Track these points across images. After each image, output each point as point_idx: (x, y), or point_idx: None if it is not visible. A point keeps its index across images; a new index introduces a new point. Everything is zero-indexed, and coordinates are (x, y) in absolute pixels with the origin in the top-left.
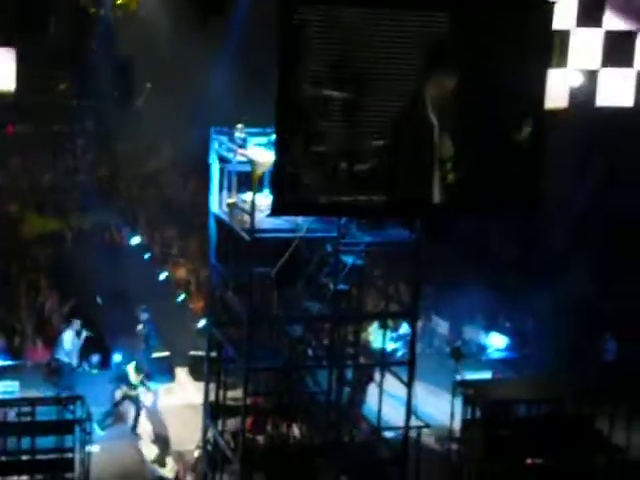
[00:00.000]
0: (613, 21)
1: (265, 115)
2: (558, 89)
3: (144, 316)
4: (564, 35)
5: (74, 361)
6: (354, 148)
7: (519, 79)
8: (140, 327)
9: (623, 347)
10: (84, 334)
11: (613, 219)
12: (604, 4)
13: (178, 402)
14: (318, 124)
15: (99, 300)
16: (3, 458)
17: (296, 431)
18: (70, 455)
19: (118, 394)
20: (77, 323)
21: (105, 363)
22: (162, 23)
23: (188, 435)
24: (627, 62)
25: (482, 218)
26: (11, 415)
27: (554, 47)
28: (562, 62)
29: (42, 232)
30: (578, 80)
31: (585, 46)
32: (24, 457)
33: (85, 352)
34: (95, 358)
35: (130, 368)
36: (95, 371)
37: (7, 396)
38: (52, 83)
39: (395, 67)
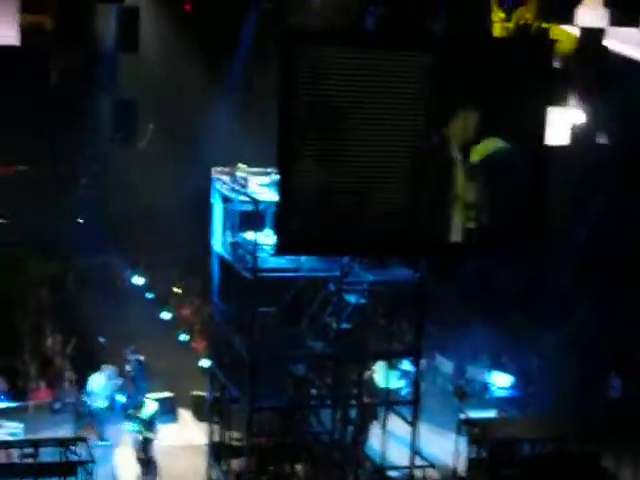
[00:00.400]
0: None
1: (267, 155)
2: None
3: (132, 357)
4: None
5: (103, 404)
6: (359, 187)
7: (520, 117)
8: (128, 368)
9: (628, 384)
10: (116, 380)
11: (618, 256)
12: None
13: (182, 443)
14: (322, 165)
15: (102, 340)
16: None
17: (300, 471)
18: None
19: (138, 439)
20: (109, 368)
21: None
22: (164, 64)
23: (192, 476)
24: None
25: (495, 258)
26: (15, 456)
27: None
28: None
29: (45, 274)
30: (580, 118)
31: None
32: None
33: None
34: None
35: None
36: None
37: (12, 438)
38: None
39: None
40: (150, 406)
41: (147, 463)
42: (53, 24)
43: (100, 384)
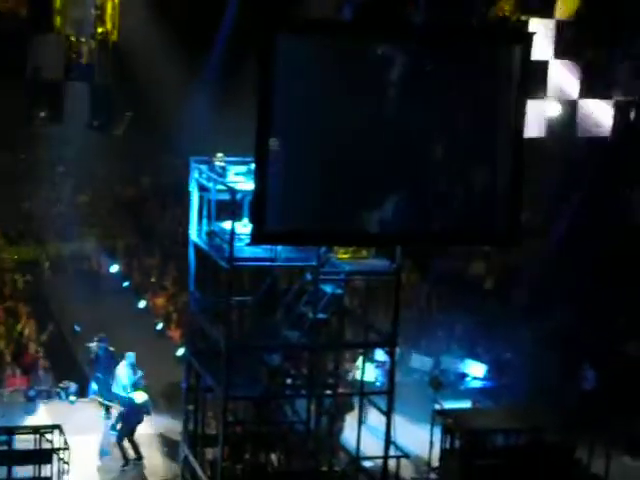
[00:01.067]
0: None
1: (245, 144)
2: (536, 119)
3: (100, 345)
4: (542, 65)
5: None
6: (336, 178)
7: (498, 109)
8: (92, 356)
9: (602, 376)
10: (139, 373)
11: (594, 249)
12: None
13: (157, 431)
14: (299, 154)
15: (77, 328)
16: None
17: (274, 460)
18: None
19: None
20: (131, 356)
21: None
22: (143, 53)
23: (167, 464)
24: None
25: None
26: None
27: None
28: (540, 92)
29: (20, 260)
30: (556, 110)
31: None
32: None
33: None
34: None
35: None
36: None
37: None
38: (30, 112)
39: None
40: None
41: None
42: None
43: (124, 374)
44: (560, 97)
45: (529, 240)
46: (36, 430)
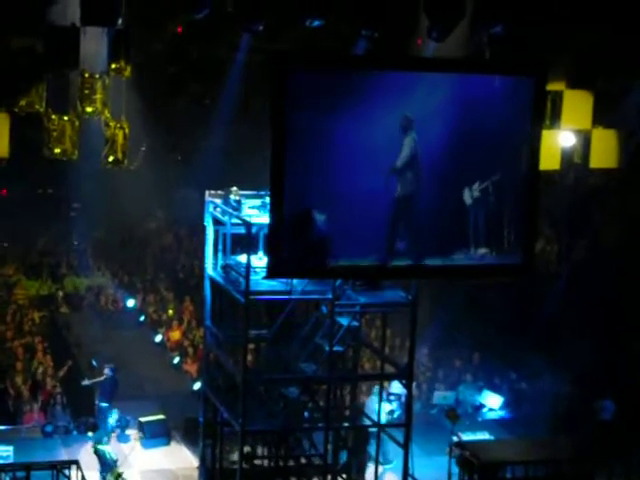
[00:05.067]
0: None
1: (259, 178)
2: (551, 150)
3: (108, 372)
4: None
5: None
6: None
7: (513, 140)
8: (87, 382)
9: (620, 406)
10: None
11: (610, 280)
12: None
13: (175, 466)
14: (313, 188)
15: (94, 363)
16: None
17: None
18: None
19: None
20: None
21: None
22: (157, 88)
23: None
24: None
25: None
26: None
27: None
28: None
29: (36, 296)
30: (570, 141)
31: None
32: None
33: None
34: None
35: (105, 448)
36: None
37: (2, 461)
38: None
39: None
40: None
41: None
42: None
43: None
44: (574, 128)
45: (544, 270)
46: (53, 466)
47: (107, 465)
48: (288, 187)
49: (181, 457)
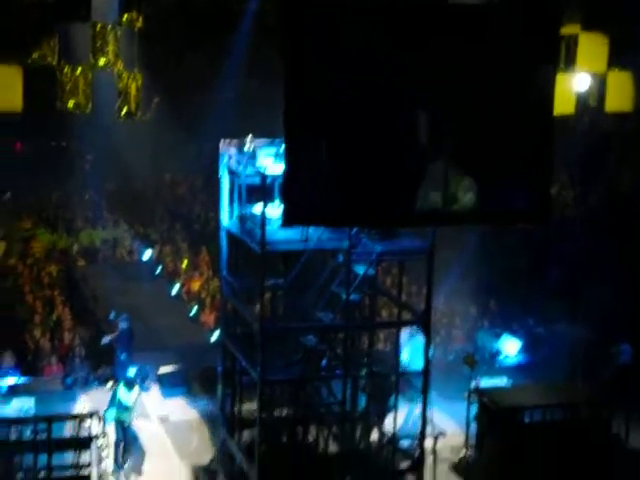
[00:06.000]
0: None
1: (275, 127)
2: (565, 94)
3: (123, 325)
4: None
5: None
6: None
7: (527, 84)
8: (107, 339)
9: (637, 350)
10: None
11: (624, 223)
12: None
13: (194, 416)
14: (329, 134)
15: (112, 315)
16: (21, 476)
17: (312, 442)
18: (87, 471)
19: (110, 417)
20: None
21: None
22: (170, 37)
23: (204, 448)
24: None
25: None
26: (27, 433)
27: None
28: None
29: (54, 249)
30: (585, 84)
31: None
32: (41, 474)
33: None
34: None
35: (121, 389)
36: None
37: (23, 414)
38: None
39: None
40: (133, 395)
41: (125, 444)
42: None
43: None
44: (588, 71)
45: (562, 216)
46: (74, 417)
47: (115, 406)
48: (303, 134)
49: (200, 407)
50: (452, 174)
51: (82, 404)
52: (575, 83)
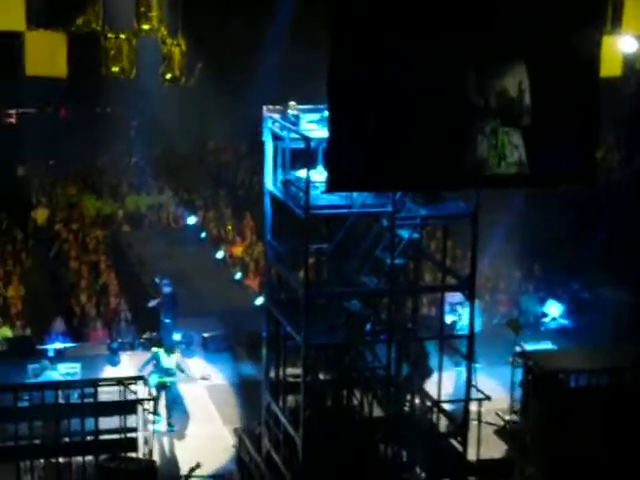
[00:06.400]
0: None
1: (319, 92)
2: (611, 56)
3: (167, 289)
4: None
5: None
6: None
7: (574, 44)
8: (153, 303)
9: None
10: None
11: None
12: None
13: (238, 380)
14: (374, 98)
15: (157, 280)
16: (67, 439)
17: (356, 407)
18: (134, 435)
19: (152, 381)
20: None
21: None
22: (214, 3)
23: (249, 413)
24: None
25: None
26: (74, 397)
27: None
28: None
29: (98, 215)
30: (632, 47)
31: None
32: (88, 438)
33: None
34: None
35: (161, 354)
36: None
37: (70, 378)
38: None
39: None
40: (174, 359)
41: (169, 408)
42: None
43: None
44: (635, 33)
45: (607, 179)
46: (120, 381)
47: (158, 371)
48: (347, 99)
49: (244, 371)
50: (500, 135)
51: (127, 368)
52: (622, 45)
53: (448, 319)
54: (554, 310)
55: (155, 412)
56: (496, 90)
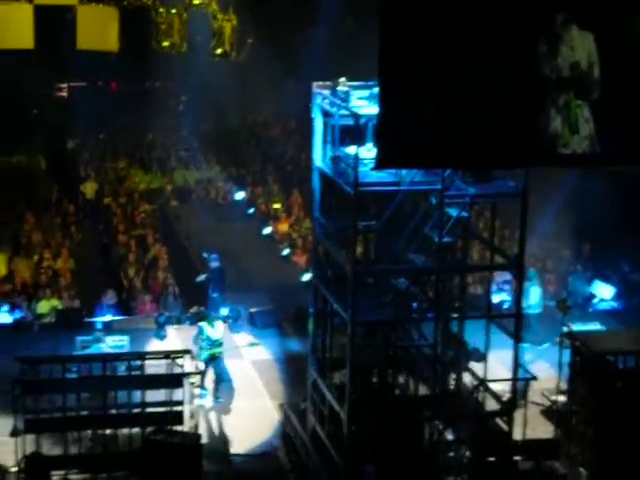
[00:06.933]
0: None
1: (370, 67)
2: None
3: (215, 264)
4: None
5: None
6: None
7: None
8: (201, 277)
9: None
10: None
11: None
12: None
13: (285, 356)
14: (425, 74)
15: (204, 255)
16: (114, 411)
17: (402, 384)
18: (180, 408)
19: (203, 355)
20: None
21: None
22: None
23: (295, 388)
24: None
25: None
26: (121, 369)
27: None
28: None
29: (146, 189)
30: None
31: None
32: (135, 410)
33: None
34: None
35: (205, 326)
36: None
37: (117, 350)
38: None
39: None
40: (219, 329)
41: (215, 382)
42: None
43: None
44: None
45: None
46: (167, 355)
47: (204, 345)
48: (399, 74)
49: (292, 347)
50: (573, 107)
51: (174, 342)
52: None
53: (495, 298)
54: (603, 291)
55: (202, 386)
56: (569, 61)
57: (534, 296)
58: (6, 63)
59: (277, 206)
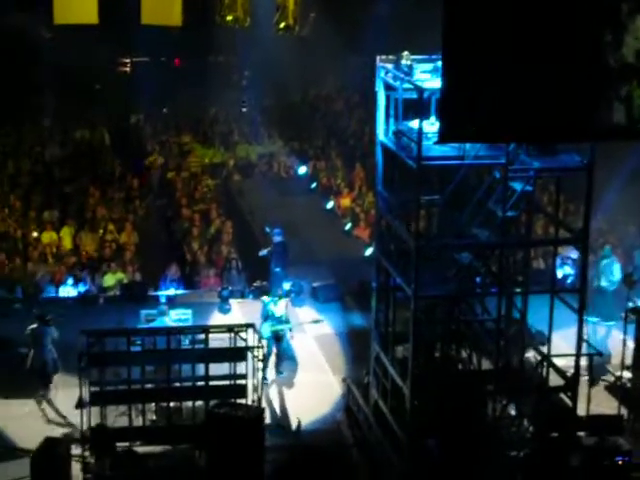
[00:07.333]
0: None
1: (433, 41)
2: None
3: (277, 238)
4: None
5: None
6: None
7: None
8: (264, 251)
9: None
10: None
11: None
12: None
13: (348, 330)
14: (490, 49)
15: (267, 229)
16: (178, 384)
17: (465, 358)
18: (243, 382)
19: (266, 333)
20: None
21: None
22: None
23: (357, 362)
24: None
25: None
26: (185, 342)
27: None
28: None
29: (209, 163)
30: None
31: None
32: (199, 383)
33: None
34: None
35: (270, 302)
36: None
37: (182, 324)
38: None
39: None
40: (282, 306)
41: (278, 356)
42: None
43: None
44: None
45: None
46: (230, 329)
47: (267, 319)
48: (463, 48)
49: (354, 321)
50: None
51: (238, 316)
52: None
53: (559, 273)
54: None
55: (265, 360)
56: (634, 51)
57: (616, 273)
58: (70, 38)
59: (339, 180)
